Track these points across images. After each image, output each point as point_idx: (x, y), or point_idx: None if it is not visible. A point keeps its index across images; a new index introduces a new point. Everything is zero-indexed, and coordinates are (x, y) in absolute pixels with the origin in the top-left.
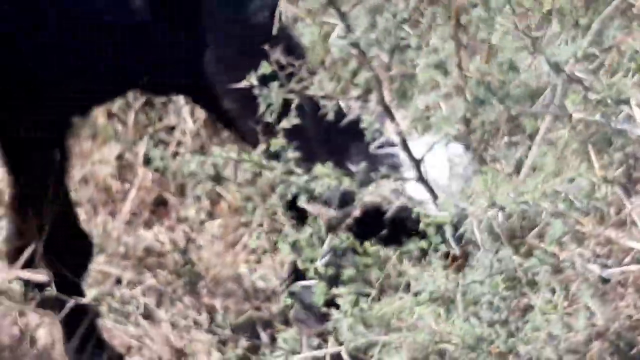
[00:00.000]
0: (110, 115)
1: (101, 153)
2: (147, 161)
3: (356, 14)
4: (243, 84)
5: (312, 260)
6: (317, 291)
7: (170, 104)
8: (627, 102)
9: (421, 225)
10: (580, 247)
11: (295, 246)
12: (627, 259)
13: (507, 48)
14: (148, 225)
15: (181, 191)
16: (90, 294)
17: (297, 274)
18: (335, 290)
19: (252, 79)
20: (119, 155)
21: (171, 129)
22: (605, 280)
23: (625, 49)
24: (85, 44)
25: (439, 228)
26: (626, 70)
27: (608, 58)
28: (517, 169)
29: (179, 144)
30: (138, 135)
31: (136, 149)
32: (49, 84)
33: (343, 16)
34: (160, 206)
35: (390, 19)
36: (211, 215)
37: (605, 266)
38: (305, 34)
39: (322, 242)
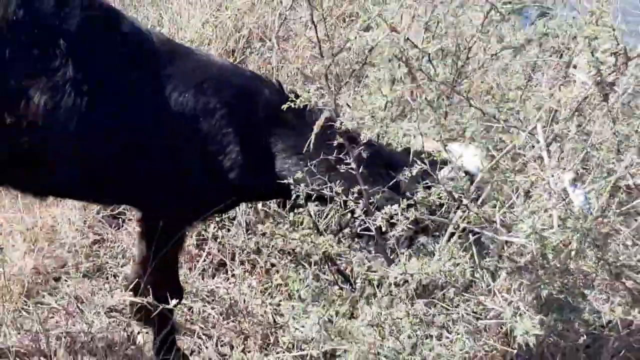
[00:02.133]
0: None
1: None
2: (214, 237)
3: None
4: None
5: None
6: None
7: None
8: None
9: None
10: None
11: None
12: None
13: None
14: (212, 277)
15: (232, 257)
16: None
17: None
18: None
19: None
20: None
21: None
22: None
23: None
24: None
25: None
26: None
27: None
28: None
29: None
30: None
31: (207, 229)
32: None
33: None
34: (220, 266)
35: None
36: (251, 274)
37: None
38: None
39: None
